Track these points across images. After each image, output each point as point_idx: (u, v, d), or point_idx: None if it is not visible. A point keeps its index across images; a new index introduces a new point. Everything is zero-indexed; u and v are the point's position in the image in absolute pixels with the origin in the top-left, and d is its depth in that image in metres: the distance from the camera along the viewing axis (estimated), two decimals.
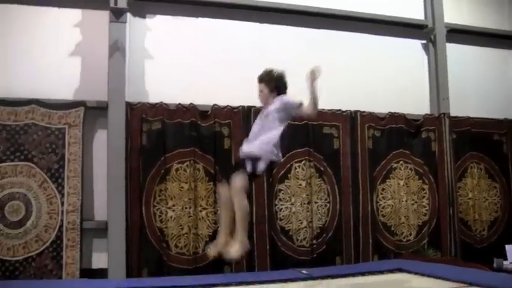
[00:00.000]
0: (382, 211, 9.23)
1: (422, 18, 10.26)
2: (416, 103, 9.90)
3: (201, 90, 8.47)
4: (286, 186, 8.70)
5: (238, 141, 7.81)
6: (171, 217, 8.04)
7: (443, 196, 9.53)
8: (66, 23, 8.15)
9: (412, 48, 10.21)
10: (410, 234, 9.34)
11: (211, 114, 8.43)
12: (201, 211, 8.21)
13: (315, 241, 8.73)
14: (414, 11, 10.22)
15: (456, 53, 10.29)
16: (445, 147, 9.64)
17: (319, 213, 8.83)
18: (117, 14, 8.02)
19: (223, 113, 8.47)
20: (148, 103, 8.18)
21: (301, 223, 8.71)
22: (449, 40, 10.19)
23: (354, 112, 9.25)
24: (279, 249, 8.51)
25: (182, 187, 8.13)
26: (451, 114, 9.83)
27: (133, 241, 7.81)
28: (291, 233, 8.65)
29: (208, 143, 8.35)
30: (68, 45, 8.12)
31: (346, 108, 9.22)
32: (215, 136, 8.38)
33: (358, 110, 9.26)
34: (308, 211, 8.74)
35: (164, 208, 8.03)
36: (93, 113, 8.02)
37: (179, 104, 8.26)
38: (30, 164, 7.57)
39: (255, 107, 8.40)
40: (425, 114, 9.83)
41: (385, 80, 9.68)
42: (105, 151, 7.89)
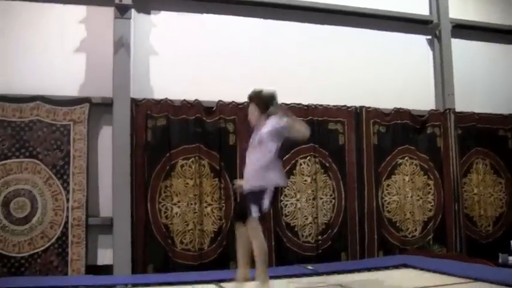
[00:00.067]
0: (387, 207, 9.22)
1: (427, 13, 10.22)
2: (421, 99, 9.88)
3: (206, 87, 8.46)
4: (291, 182, 8.68)
5: (243, 138, 7.87)
6: (177, 213, 8.04)
7: (448, 192, 9.51)
8: (71, 20, 8.15)
9: (417, 43, 10.19)
10: (416, 230, 9.33)
11: (216, 111, 8.42)
12: (206, 207, 8.21)
13: (320, 237, 8.73)
14: (419, 7, 10.19)
15: (461, 48, 10.26)
16: (450, 143, 9.62)
17: (325, 209, 8.82)
18: (122, 10, 8.02)
19: (228, 109, 8.46)
20: (153, 99, 8.18)
21: (307, 219, 8.70)
22: (455, 35, 10.16)
23: (359, 108, 9.23)
24: (285, 245, 8.51)
25: (187, 183, 8.13)
26: (456, 110, 9.80)
27: (139, 237, 7.82)
28: (296, 229, 8.65)
29: (213, 139, 8.35)
30: (73, 42, 8.12)
31: (351, 104, 9.20)
32: (220, 132, 8.38)
33: (363, 106, 9.24)
34: (313, 207, 8.74)
35: (169, 204, 8.04)
36: (98, 109, 8.02)
37: (184, 100, 8.25)
38: (36, 161, 7.58)
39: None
40: (431, 110, 9.80)
41: (390, 76, 9.66)
42: (110, 147, 7.91)
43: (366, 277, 7.03)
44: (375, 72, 9.57)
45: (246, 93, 8.37)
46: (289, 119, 5.50)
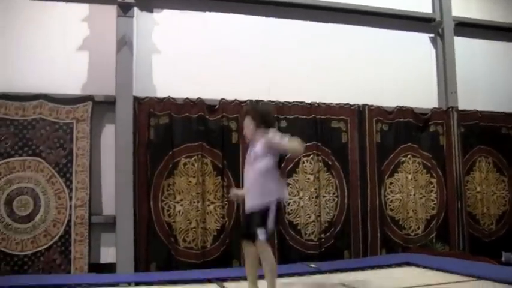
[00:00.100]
0: (390, 205, 9.21)
1: (430, 11, 10.21)
2: (424, 97, 9.87)
3: (208, 85, 8.46)
4: (294, 180, 8.68)
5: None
6: (179, 211, 8.04)
7: (451, 190, 9.50)
8: (73, 18, 8.15)
9: (420, 41, 10.17)
10: (419, 228, 9.32)
11: (219, 109, 8.41)
12: (209, 205, 8.21)
13: (323, 235, 8.71)
14: (422, 4, 10.18)
15: (464, 46, 10.25)
16: (453, 141, 9.61)
17: (327, 207, 8.82)
18: (125, 9, 8.02)
19: (231, 107, 8.45)
20: (156, 97, 8.18)
21: (309, 217, 8.69)
22: (457, 33, 10.15)
23: (361, 106, 9.21)
24: (287, 243, 8.50)
25: (190, 181, 8.13)
26: (459, 108, 9.79)
27: (142, 235, 7.82)
28: (299, 227, 8.64)
29: (216, 137, 8.34)
30: (76, 40, 8.12)
31: (354, 102, 9.19)
32: (223, 130, 8.38)
33: (366, 104, 9.23)
34: (316, 205, 8.73)
35: (172, 202, 8.03)
36: (101, 107, 8.02)
37: (187, 99, 8.25)
38: (38, 159, 7.58)
39: (263, 101, 8.41)
40: (434, 108, 9.79)
41: (393, 74, 9.64)
42: (113, 146, 7.90)
43: (368, 275, 7.03)
44: (378, 70, 9.56)
45: (249, 91, 8.47)
46: (283, 137, 5.27)
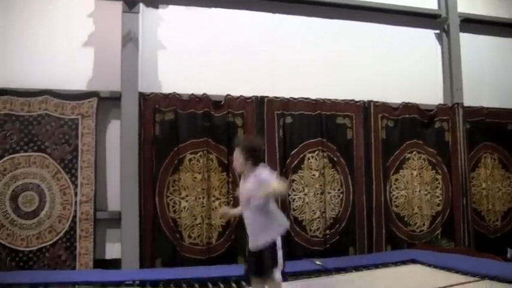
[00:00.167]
0: (395, 201, 9.20)
1: (436, 8, 10.18)
2: (429, 93, 9.84)
3: (214, 81, 8.44)
4: (299, 176, 8.68)
5: (252, 132, 7.89)
6: (184, 207, 8.04)
7: (456, 186, 9.49)
8: (79, 14, 8.14)
9: (425, 38, 10.14)
10: (424, 225, 9.31)
11: (224, 105, 8.40)
12: (214, 201, 8.21)
13: (328, 231, 8.71)
14: (427, 1, 10.16)
15: (470, 42, 10.23)
16: (459, 137, 9.59)
17: (333, 203, 8.81)
18: (130, 5, 8.03)
19: (236, 103, 8.44)
20: (161, 93, 8.17)
21: (315, 213, 8.69)
22: (463, 30, 10.13)
23: (367, 102, 9.20)
24: (293, 240, 8.48)
25: (195, 177, 8.13)
26: (465, 104, 9.77)
27: (147, 231, 7.83)
28: (304, 223, 8.64)
29: (222, 133, 8.34)
30: (81, 36, 8.12)
31: (359, 98, 9.17)
32: (228, 126, 8.37)
33: (371, 100, 9.21)
34: (321, 201, 8.72)
35: (177, 198, 8.04)
36: (106, 103, 8.03)
37: (192, 95, 8.24)
38: (44, 155, 7.60)
39: (268, 97, 8.41)
40: (439, 104, 9.77)
41: (399, 70, 9.62)
42: (118, 142, 7.91)
43: (374, 273, 7.03)
44: (383, 66, 9.54)
45: (254, 87, 8.46)
46: (272, 176, 5.17)
